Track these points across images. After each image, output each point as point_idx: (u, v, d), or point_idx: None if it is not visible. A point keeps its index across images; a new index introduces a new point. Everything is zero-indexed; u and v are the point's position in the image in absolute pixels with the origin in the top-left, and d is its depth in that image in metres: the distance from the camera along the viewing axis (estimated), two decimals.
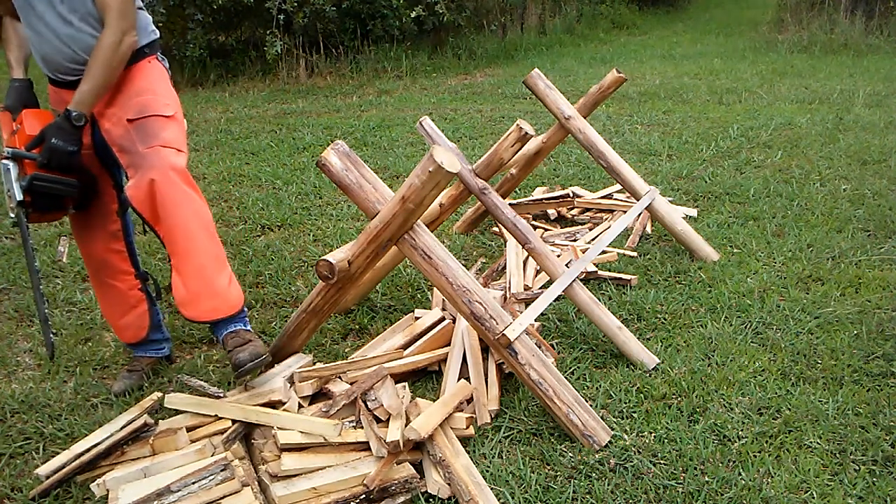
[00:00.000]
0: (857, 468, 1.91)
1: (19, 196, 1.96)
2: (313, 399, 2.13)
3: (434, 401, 2.07)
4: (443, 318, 2.48)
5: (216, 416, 1.98)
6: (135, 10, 2.02)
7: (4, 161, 2.00)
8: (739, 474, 1.88)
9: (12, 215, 2.02)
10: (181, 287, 2.04)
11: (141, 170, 1.98)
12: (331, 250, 2.87)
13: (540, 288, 2.89)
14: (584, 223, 3.69)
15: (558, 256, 3.07)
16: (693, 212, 3.81)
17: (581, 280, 2.64)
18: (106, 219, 2.24)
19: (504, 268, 3.02)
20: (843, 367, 2.35)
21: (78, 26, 1.99)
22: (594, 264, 3.09)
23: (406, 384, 2.14)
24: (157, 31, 2.21)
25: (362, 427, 1.93)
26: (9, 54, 2.17)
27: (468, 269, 2.68)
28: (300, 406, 2.06)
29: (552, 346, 2.52)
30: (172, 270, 2.05)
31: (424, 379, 2.37)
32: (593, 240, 3.40)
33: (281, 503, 1.72)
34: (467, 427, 2.02)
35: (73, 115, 1.94)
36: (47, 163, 1.94)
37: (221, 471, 1.75)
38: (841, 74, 7.69)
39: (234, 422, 1.96)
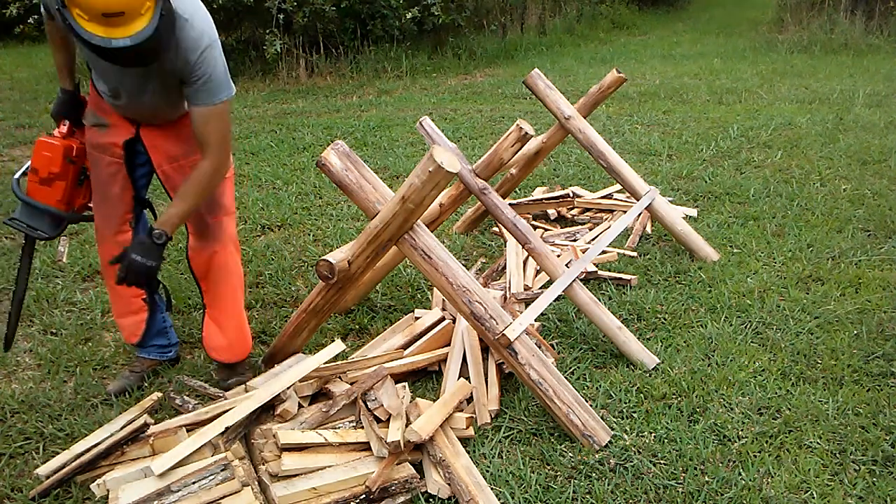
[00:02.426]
0: (857, 468, 1.91)
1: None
2: (313, 399, 2.12)
3: (434, 401, 2.07)
4: (443, 318, 2.48)
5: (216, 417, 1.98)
6: (231, 138, 2.03)
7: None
8: (739, 474, 1.88)
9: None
10: (219, 336, 2.32)
11: (205, 239, 2.20)
12: (331, 250, 2.87)
13: (540, 288, 2.89)
14: (584, 223, 3.69)
15: (558, 256, 3.07)
16: (693, 212, 3.81)
17: (581, 280, 2.64)
18: (118, 228, 2.24)
19: (504, 268, 3.02)
20: (843, 367, 2.35)
21: (170, 100, 2.02)
22: (594, 264, 3.09)
23: (406, 384, 2.14)
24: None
25: (362, 427, 1.93)
26: (56, 55, 2.15)
27: (468, 269, 2.68)
28: (300, 406, 2.06)
29: (552, 346, 2.51)
30: (207, 319, 2.34)
31: (424, 379, 2.37)
32: (593, 240, 3.40)
33: (281, 503, 1.72)
34: (467, 427, 2.01)
35: (156, 233, 1.96)
36: (125, 276, 1.94)
37: (221, 471, 1.75)
38: (841, 74, 7.69)
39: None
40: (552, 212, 3.81)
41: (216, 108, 1.93)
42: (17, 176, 2.12)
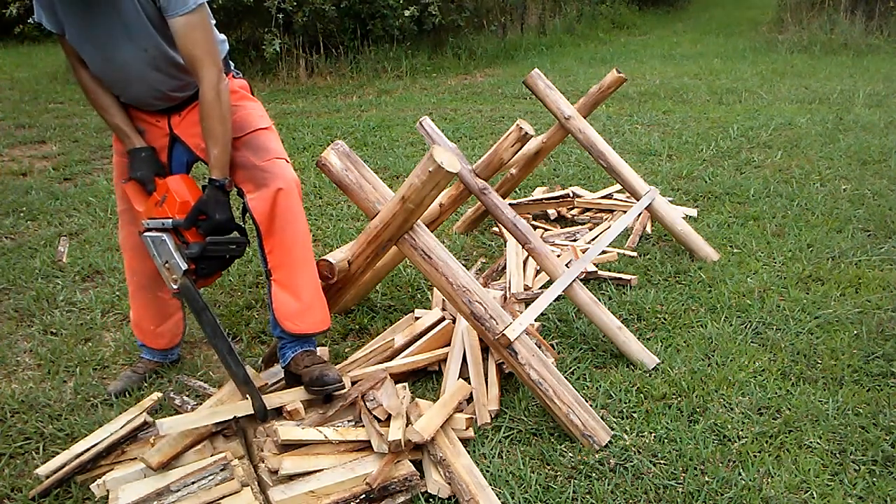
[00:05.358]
0: (857, 468, 1.91)
1: (185, 265, 1.91)
2: (311, 401, 2.12)
3: (434, 401, 2.07)
4: (443, 318, 2.48)
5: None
6: (218, 48, 1.96)
7: (153, 234, 1.93)
8: (739, 474, 1.88)
9: (175, 286, 1.93)
10: (292, 301, 2.04)
11: (265, 182, 2.01)
12: (331, 250, 2.87)
13: (540, 288, 2.89)
14: (584, 223, 3.69)
15: (558, 256, 3.07)
16: (693, 212, 3.81)
17: (581, 280, 2.64)
18: None
19: (504, 268, 3.02)
20: (843, 367, 2.35)
21: (168, 72, 1.98)
22: (594, 264, 3.09)
23: (406, 384, 2.14)
24: (226, 39, 2.13)
25: (363, 426, 1.93)
26: (112, 120, 2.06)
27: (468, 269, 2.68)
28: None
29: (552, 346, 2.51)
30: (275, 287, 2.05)
31: (424, 379, 2.37)
32: (593, 240, 3.40)
33: None
34: (467, 428, 2.01)
35: (223, 183, 1.93)
36: (211, 233, 1.91)
37: (221, 471, 1.75)
38: (841, 74, 7.69)
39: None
40: (552, 212, 3.81)
41: (195, 14, 1.85)
42: (171, 247, 1.92)
